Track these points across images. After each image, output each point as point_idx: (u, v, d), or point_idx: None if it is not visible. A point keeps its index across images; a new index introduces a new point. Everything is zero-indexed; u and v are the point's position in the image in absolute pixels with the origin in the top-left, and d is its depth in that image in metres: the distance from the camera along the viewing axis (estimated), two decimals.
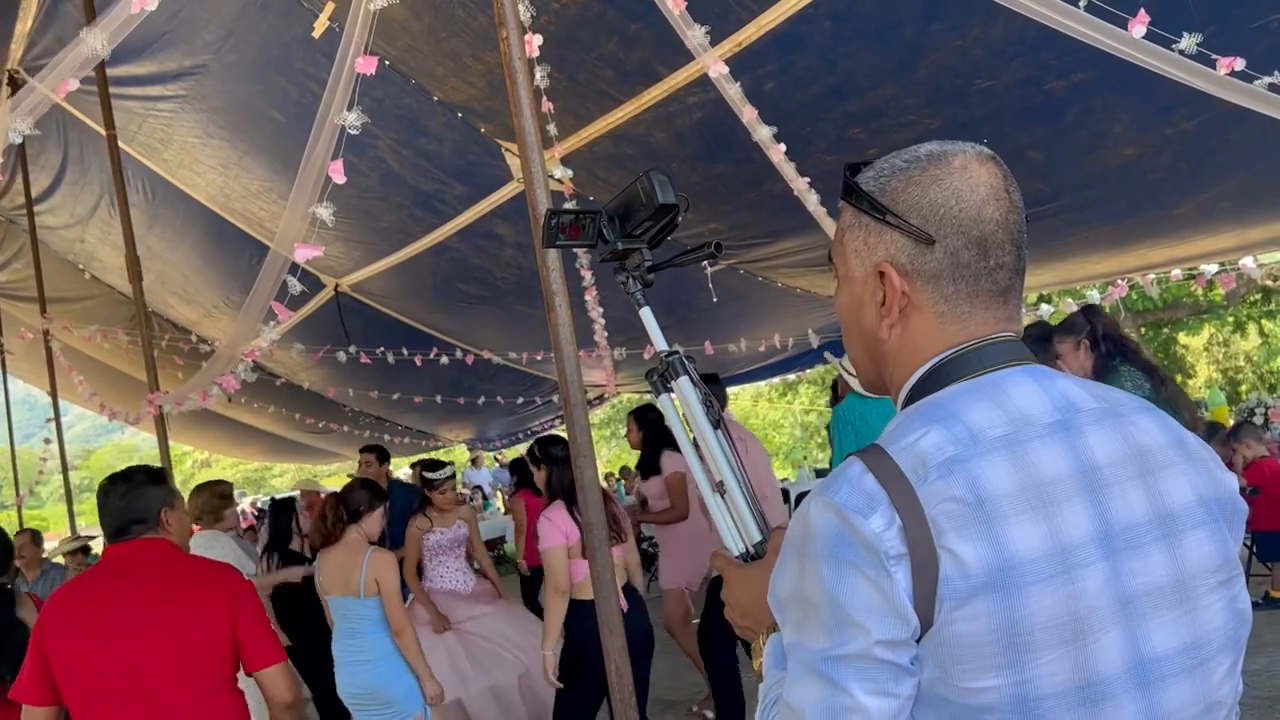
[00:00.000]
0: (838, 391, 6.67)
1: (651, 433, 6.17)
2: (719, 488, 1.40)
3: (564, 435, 3.82)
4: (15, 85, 6.98)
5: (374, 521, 4.79)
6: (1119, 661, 1.01)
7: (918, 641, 0.99)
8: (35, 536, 7.42)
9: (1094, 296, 8.55)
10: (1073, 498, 1.03)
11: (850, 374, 6.56)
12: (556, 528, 4.30)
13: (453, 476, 6.39)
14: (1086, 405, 1.10)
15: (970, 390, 1.09)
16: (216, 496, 6.04)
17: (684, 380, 1.43)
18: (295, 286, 4.39)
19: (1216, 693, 1.08)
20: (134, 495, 2.89)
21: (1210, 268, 7.54)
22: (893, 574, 0.97)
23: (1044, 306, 8.41)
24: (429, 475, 6.28)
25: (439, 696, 4.67)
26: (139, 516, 2.90)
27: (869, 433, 6.42)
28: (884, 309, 1.16)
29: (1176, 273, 7.85)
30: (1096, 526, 1.03)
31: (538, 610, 6.61)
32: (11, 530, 7.02)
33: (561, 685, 4.38)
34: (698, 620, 5.98)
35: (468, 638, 5.89)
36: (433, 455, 14.77)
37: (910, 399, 1.15)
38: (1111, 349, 4.26)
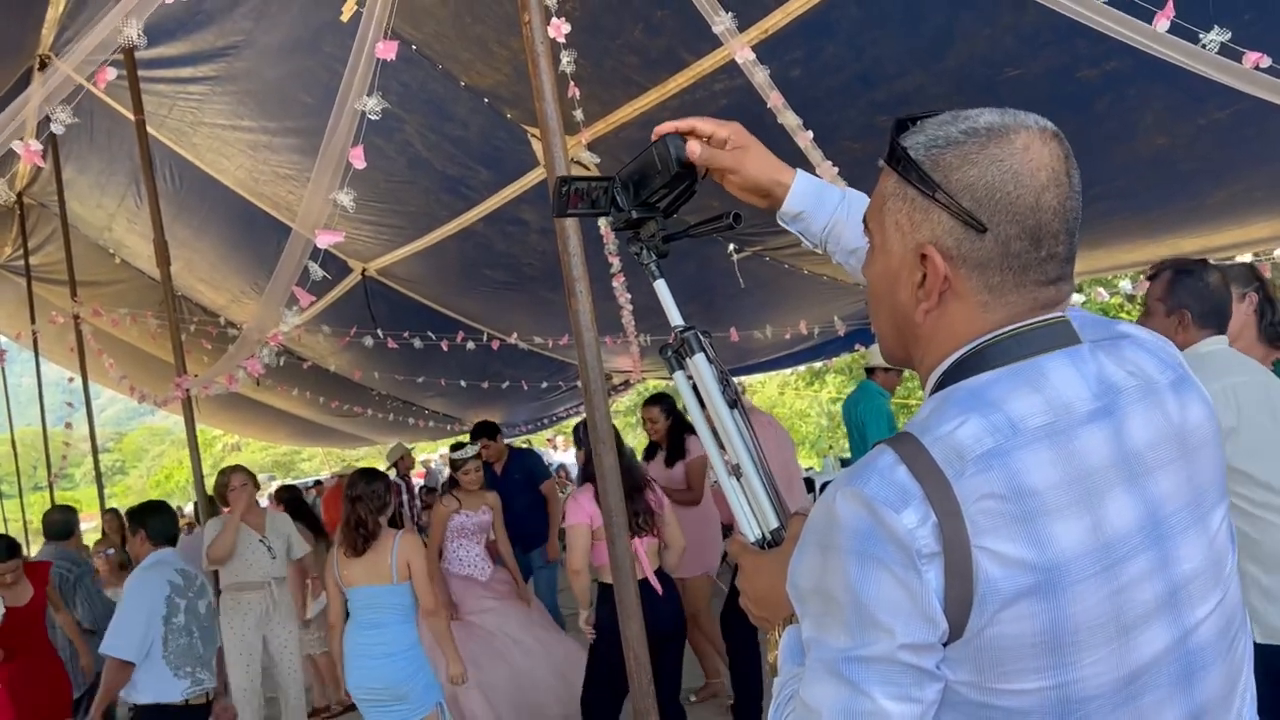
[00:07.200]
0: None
1: (680, 420, 6.13)
2: (735, 470, 1.33)
3: None
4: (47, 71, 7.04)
5: (391, 505, 4.74)
6: (1164, 654, 0.98)
7: (945, 645, 0.94)
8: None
9: (1125, 286, 8.46)
10: (1115, 487, 0.98)
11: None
12: (582, 508, 4.43)
13: (476, 457, 6.34)
14: (1125, 384, 1.04)
15: (1009, 376, 1.02)
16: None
17: (700, 357, 1.35)
18: (316, 273, 4.40)
19: (1240, 668, 1.06)
20: None
21: (1245, 258, 7.43)
22: (923, 574, 0.92)
23: (1075, 296, 8.31)
24: (454, 456, 6.29)
25: (462, 677, 4.68)
26: None
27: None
28: (922, 291, 1.07)
29: None
30: (1140, 516, 0.98)
31: None
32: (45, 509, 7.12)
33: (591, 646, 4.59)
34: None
35: (474, 630, 5.86)
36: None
37: (942, 383, 1.07)
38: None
